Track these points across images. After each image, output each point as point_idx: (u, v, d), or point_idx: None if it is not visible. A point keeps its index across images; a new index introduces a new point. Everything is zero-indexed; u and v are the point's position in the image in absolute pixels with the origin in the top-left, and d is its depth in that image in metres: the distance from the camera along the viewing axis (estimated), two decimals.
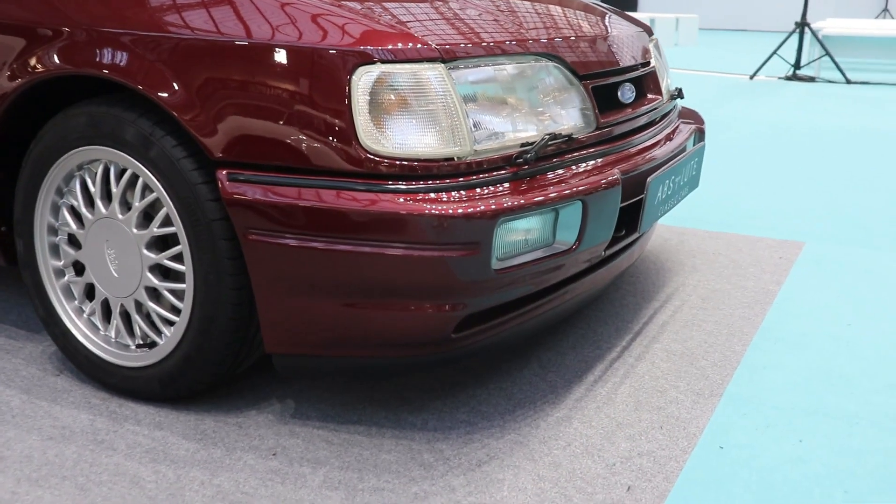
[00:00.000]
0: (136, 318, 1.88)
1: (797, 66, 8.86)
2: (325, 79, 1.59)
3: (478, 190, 1.64)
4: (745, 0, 17.88)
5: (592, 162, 1.92)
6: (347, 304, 1.66)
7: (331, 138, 1.59)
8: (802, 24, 8.92)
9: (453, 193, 1.61)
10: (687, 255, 3.06)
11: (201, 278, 1.74)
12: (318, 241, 1.61)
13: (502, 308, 1.79)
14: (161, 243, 1.83)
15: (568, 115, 1.91)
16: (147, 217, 1.83)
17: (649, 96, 2.41)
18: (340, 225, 1.59)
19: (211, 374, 1.82)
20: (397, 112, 1.60)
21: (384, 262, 1.59)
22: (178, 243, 1.79)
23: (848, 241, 3.28)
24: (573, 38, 2.01)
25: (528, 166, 1.74)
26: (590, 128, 1.97)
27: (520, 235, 1.68)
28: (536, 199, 1.67)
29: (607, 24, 2.34)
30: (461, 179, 1.64)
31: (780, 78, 8.83)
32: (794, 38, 13.90)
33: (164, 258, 1.80)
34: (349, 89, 1.58)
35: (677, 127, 2.49)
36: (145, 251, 1.81)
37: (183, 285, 1.79)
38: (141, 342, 1.91)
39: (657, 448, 1.78)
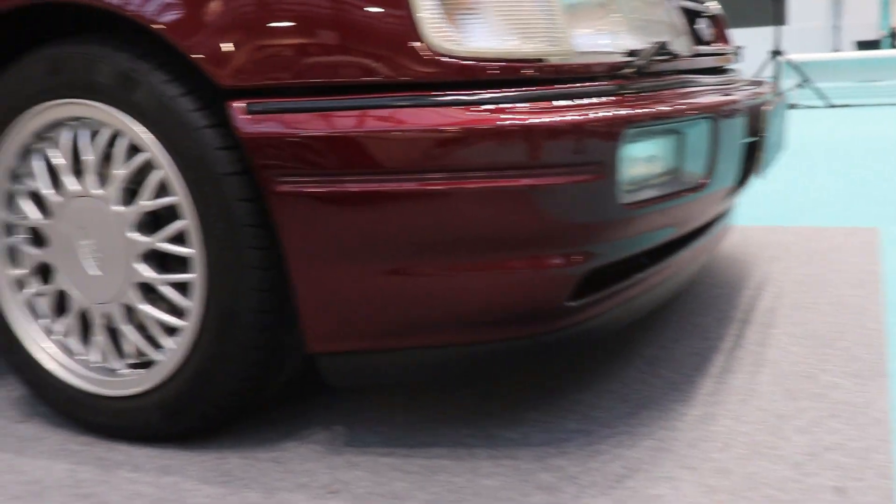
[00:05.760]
0: (126, 330, 1.40)
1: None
2: None
3: (580, 101, 1.20)
4: None
5: (701, 87, 1.51)
6: (421, 271, 1.20)
7: (385, 38, 1.15)
8: (776, 53, 8.76)
9: (555, 103, 1.18)
10: (757, 247, 2.64)
11: (214, 260, 1.27)
12: (377, 181, 1.16)
13: (622, 269, 1.34)
14: (154, 224, 1.37)
15: (665, 31, 1.50)
16: (133, 194, 1.37)
17: (719, 43, 2.02)
18: (409, 156, 1.14)
19: (234, 394, 1.34)
20: None
21: (474, 202, 1.14)
22: (178, 218, 1.32)
23: None
24: None
25: (634, 79, 1.32)
26: (687, 51, 1.57)
27: (644, 161, 1.25)
28: (662, 110, 1.24)
29: None
30: (557, 87, 1.21)
31: None
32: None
33: (159, 240, 1.33)
34: None
35: (751, 78, 2.10)
36: (134, 234, 1.34)
37: (190, 275, 1.32)
38: (133, 362, 1.43)
39: (845, 440, 1.32)
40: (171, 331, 1.38)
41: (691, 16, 1.76)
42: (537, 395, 1.54)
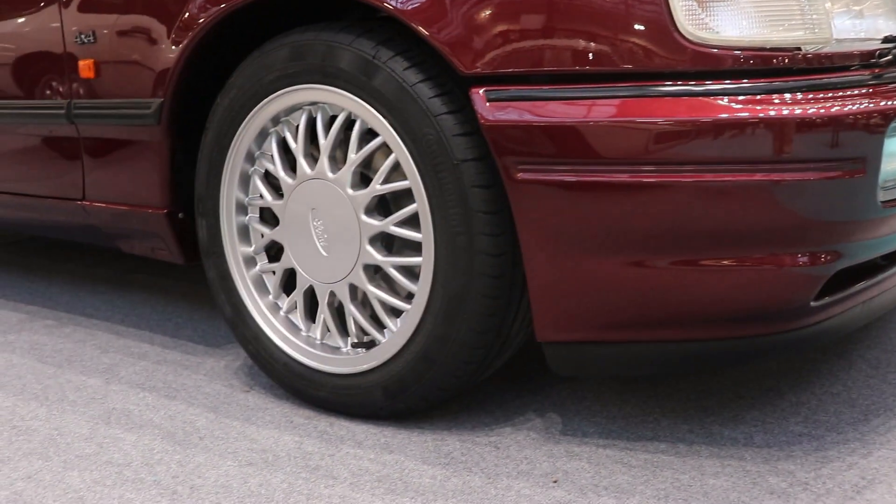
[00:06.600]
0: (352, 310, 1.44)
1: None
2: None
3: (837, 92, 1.14)
4: None
5: None
6: (659, 265, 1.18)
7: (636, 26, 1.13)
8: None
9: (812, 94, 1.12)
10: None
11: (445, 244, 1.29)
12: (619, 172, 1.14)
13: (863, 268, 1.28)
14: (383, 208, 1.40)
15: None
16: (363, 179, 1.41)
17: None
18: (654, 146, 1.13)
19: (456, 376, 1.36)
20: None
21: (726, 196, 1.12)
22: (408, 203, 1.35)
23: None
24: None
25: (888, 68, 1.24)
26: None
27: None
28: None
29: None
30: (810, 77, 1.15)
31: None
32: None
33: (391, 224, 1.37)
34: None
35: None
36: (365, 217, 1.38)
37: (418, 258, 1.35)
38: (356, 341, 1.47)
39: None
40: (394, 312, 1.41)
41: None
42: (754, 393, 1.49)
